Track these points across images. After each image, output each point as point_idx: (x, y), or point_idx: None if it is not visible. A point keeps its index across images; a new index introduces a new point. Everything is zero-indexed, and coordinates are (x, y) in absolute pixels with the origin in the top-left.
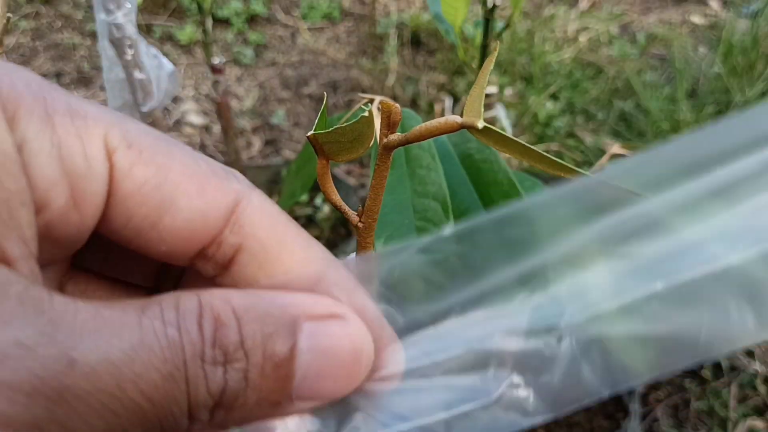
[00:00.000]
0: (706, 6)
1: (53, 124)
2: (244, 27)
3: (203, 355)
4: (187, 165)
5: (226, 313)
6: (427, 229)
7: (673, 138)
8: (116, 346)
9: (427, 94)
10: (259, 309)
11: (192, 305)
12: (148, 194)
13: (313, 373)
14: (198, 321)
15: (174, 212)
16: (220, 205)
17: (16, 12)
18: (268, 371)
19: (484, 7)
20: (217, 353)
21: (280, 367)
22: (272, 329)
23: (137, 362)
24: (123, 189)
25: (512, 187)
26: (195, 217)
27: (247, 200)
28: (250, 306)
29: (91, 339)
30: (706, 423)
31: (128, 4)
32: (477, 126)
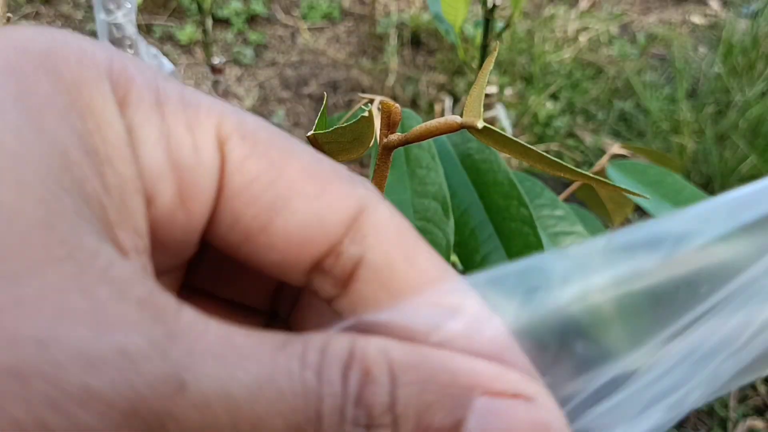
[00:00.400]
0: (706, 6)
1: (163, 112)
2: (244, 27)
3: (343, 414)
4: (306, 163)
5: (379, 366)
6: (427, 229)
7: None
8: (239, 378)
9: (427, 94)
10: (422, 370)
11: (341, 351)
12: (260, 192)
13: None
14: (343, 370)
15: (288, 214)
16: (342, 211)
17: (16, 12)
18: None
19: (484, 7)
20: (360, 414)
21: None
22: (435, 398)
23: (261, 402)
24: (233, 184)
25: (512, 187)
26: (311, 221)
27: (373, 208)
28: (412, 364)
29: (210, 364)
30: (706, 423)
31: (128, 4)
32: (477, 126)
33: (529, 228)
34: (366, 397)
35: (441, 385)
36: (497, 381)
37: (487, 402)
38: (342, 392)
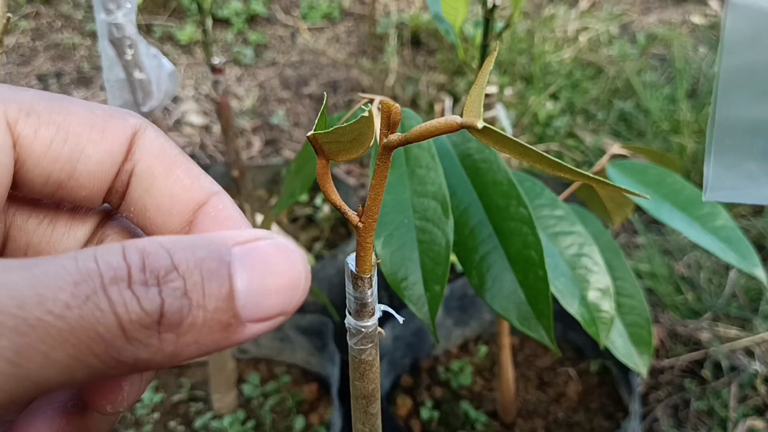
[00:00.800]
0: (706, 6)
1: None
2: (244, 27)
3: (130, 279)
4: (84, 116)
5: (153, 246)
6: (426, 229)
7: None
8: (19, 273)
9: (427, 94)
10: (186, 242)
11: (114, 245)
12: (58, 150)
13: (255, 289)
14: (121, 254)
15: (85, 159)
16: (120, 141)
17: (16, 12)
18: (210, 290)
19: (484, 7)
20: (148, 276)
21: (221, 285)
22: (204, 254)
23: (41, 286)
24: (35, 151)
25: (512, 186)
26: (102, 158)
27: (142, 132)
28: (177, 241)
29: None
30: (706, 423)
31: (128, 4)
32: (477, 126)
33: (528, 228)
34: (150, 265)
35: (204, 246)
36: (240, 235)
37: (240, 247)
38: (124, 266)
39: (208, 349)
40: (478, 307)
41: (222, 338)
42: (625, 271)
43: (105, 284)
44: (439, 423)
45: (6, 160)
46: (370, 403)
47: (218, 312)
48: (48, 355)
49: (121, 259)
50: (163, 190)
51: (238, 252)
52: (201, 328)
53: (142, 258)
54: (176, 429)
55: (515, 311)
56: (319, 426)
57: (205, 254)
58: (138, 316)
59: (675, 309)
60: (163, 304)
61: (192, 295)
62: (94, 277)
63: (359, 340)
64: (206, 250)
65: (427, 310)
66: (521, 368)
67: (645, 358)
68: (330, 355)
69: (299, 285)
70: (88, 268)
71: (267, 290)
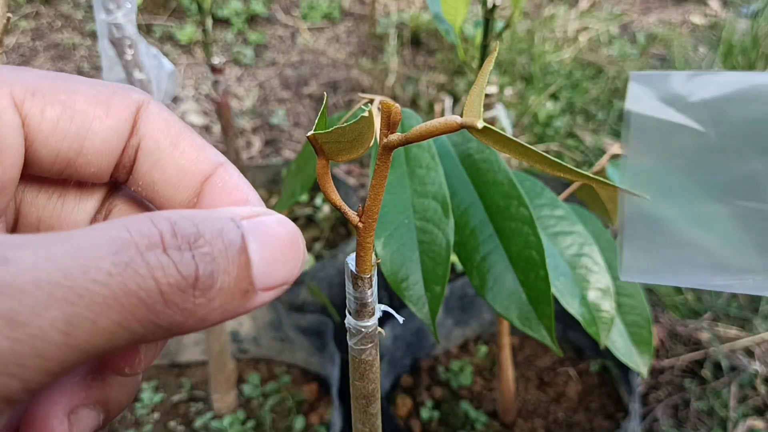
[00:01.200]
0: (706, 6)
1: None
2: (244, 27)
3: (164, 244)
4: (88, 93)
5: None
6: (426, 229)
7: None
8: (60, 246)
9: (427, 94)
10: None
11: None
12: (65, 128)
13: (265, 259)
14: (150, 222)
15: (91, 136)
16: (125, 116)
17: (16, 12)
18: (231, 256)
19: (484, 7)
20: (181, 241)
21: (240, 253)
22: (221, 225)
23: (83, 257)
24: (42, 131)
25: (512, 187)
26: (108, 134)
27: (145, 106)
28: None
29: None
30: (706, 423)
31: (128, 4)
32: (477, 126)
33: (529, 228)
34: (180, 230)
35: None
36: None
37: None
38: (156, 232)
39: (229, 315)
40: (478, 307)
41: (240, 305)
42: None
43: (141, 251)
44: (439, 423)
45: (17, 141)
46: (370, 403)
47: (239, 279)
48: (95, 322)
49: (152, 227)
50: (170, 164)
51: (246, 225)
52: (226, 293)
53: (171, 225)
54: (176, 429)
55: (516, 311)
56: (319, 426)
57: (221, 226)
58: (176, 280)
59: (675, 309)
60: (197, 268)
61: (219, 261)
62: (129, 245)
63: (359, 340)
64: (221, 221)
65: (427, 310)
66: (521, 368)
67: (645, 358)
68: (330, 355)
69: (300, 256)
70: (122, 236)
71: (275, 260)
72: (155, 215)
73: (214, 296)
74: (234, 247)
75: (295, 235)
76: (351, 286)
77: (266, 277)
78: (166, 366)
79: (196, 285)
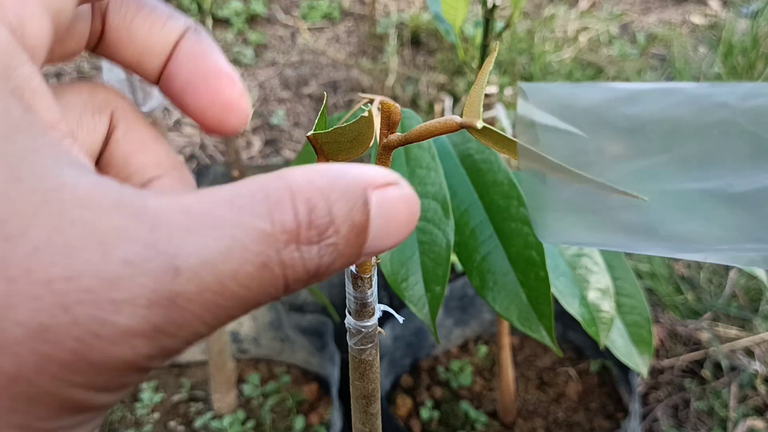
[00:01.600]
0: (706, 6)
1: None
2: (244, 27)
3: (299, 239)
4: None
5: (315, 195)
6: (427, 230)
7: None
8: (213, 247)
9: (427, 94)
10: (339, 186)
11: (282, 193)
12: (134, 33)
13: (380, 233)
14: (293, 208)
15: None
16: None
17: None
18: (352, 240)
19: (484, 7)
20: (313, 234)
21: (360, 234)
22: (352, 204)
23: (233, 259)
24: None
25: (512, 187)
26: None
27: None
28: (331, 185)
29: (188, 243)
30: (706, 423)
31: None
32: (476, 126)
33: (529, 228)
34: (314, 221)
35: (352, 191)
36: (377, 177)
37: (377, 194)
38: (295, 225)
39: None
40: (478, 307)
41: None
42: (625, 271)
43: (279, 249)
44: (439, 423)
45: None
46: (370, 403)
47: (351, 257)
48: (231, 314)
49: (293, 217)
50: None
51: (375, 199)
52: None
53: (309, 213)
54: (176, 429)
55: (516, 311)
56: (319, 426)
57: (353, 204)
58: (300, 276)
59: (675, 309)
60: (320, 261)
61: (341, 250)
62: (271, 242)
63: (359, 340)
64: (354, 197)
65: (427, 310)
66: (521, 368)
67: (645, 358)
68: (330, 355)
69: (411, 230)
70: (265, 231)
71: (387, 236)
72: (297, 195)
73: (324, 275)
74: (357, 230)
75: (414, 215)
76: (351, 286)
77: (374, 247)
78: (166, 366)
79: (314, 275)
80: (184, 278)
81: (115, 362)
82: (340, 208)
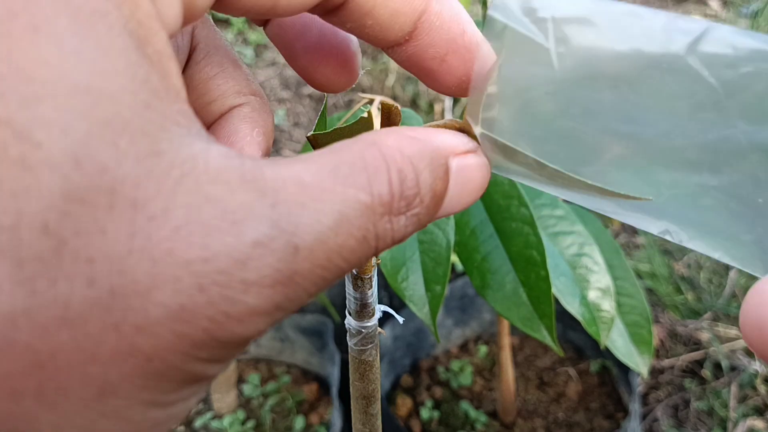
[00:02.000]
0: (706, 6)
1: None
2: (244, 27)
3: (391, 210)
4: None
5: (406, 165)
6: (427, 229)
7: None
8: (324, 223)
9: (427, 94)
10: (425, 155)
11: (379, 163)
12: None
13: (455, 200)
14: (388, 180)
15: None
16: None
17: None
18: (431, 208)
19: (484, 7)
20: (403, 205)
21: (439, 202)
22: (436, 173)
23: (340, 235)
24: None
25: (512, 186)
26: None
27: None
28: (418, 154)
29: (303, 219)
30: (706, 423)
31: None
32: (474, 133)
33: (530, 227)
34: (404, 192)
35: (436, 160)
36: (459, 145)
37: (457, 161)
38: (390, 197)
39: None
40: (478, 307)
41: None
42: (626, 270)
43: (376, 222)
44: (439, 423)
45: None
46: (370, 404)
47: (426, 223)
48: (328, 285)
49: (388, 189)
50: (382, 9)
51: (454, 166)
52: None
53: (401, 184)
54: (176, 429)
55: (517, 311)
56: (319, 426)
57: (436, 173)
58: (387, 246)
59: (675, 309)
60: (405, 231)
61: (422, 217)
62: (370, 215)
63: (359, 340)
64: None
65: (428, 310)
66: (521, 368)
67: (645, 358)
68: (330, 355)
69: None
70: (365, 202)
71: (460, 202)
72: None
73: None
74: (438, 198)
75: (486, 180)
76: (351, 287)
77: (444, 212)
78: None
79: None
80: (302, 256)
81: (239, 339)
82: (425, 178)
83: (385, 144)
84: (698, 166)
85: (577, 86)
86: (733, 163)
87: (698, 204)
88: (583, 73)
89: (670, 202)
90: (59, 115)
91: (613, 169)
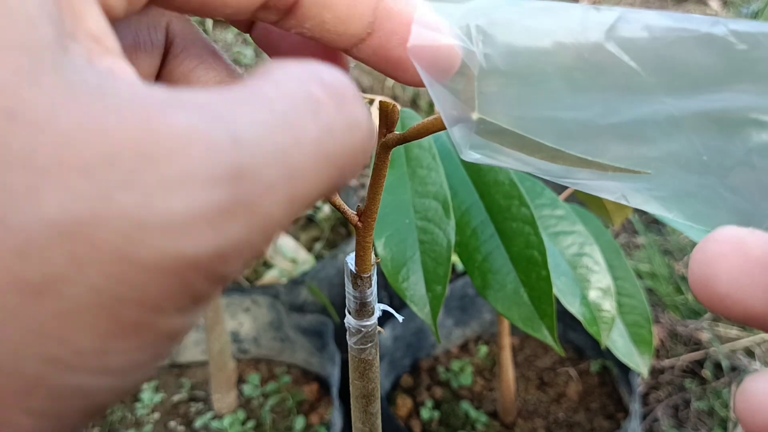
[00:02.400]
0: (706, 6)
1: None
2: None
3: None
4: None
5: None
6: (428, 229)
7: None
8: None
9: (427, 93)
10: None
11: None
12: None
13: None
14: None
15: None
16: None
17: None
18: None
19: None
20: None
21: None
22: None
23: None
24: None
25: (513, 186)
26: None
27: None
28: None
29: (244, 112)
30: (706, 423)
31: None
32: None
33: (531, 227)
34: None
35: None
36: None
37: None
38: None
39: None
40: (478, 307)
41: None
42: (626, 270)
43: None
44: (439, 423)
45: None
46: (370, 403)
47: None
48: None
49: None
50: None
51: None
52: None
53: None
54: (176, 429)
55: (518, 311)
56: (319, 426)
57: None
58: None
59: (675, 309)
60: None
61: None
62: (320, 102)
63: (359, 339)
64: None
65: (428, 310)
66: (521, 368)
67: (646, 358)
68: (330, 355)
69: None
70: (314, 94)
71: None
72: None
73: None
74: None
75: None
76: (351, 286)
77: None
78: (166, 366)
79: None
80: (246, 151)
81: (172, 262)
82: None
83: None
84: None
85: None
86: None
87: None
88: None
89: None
90: None
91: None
